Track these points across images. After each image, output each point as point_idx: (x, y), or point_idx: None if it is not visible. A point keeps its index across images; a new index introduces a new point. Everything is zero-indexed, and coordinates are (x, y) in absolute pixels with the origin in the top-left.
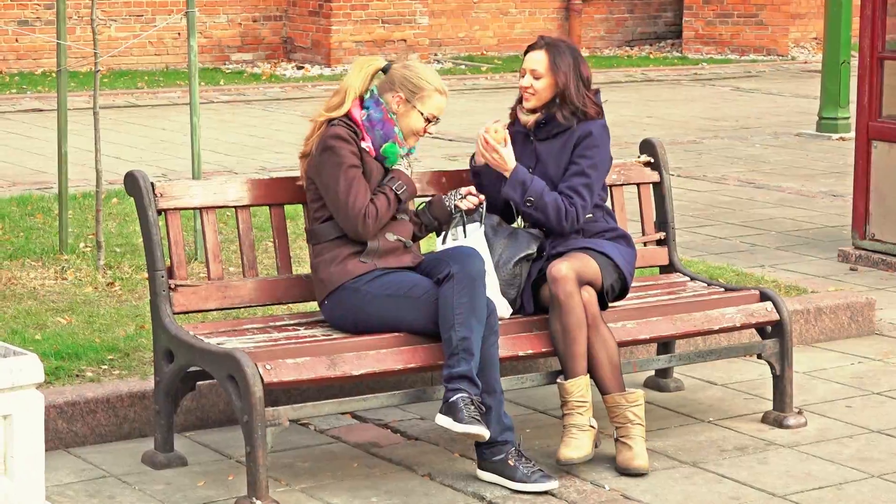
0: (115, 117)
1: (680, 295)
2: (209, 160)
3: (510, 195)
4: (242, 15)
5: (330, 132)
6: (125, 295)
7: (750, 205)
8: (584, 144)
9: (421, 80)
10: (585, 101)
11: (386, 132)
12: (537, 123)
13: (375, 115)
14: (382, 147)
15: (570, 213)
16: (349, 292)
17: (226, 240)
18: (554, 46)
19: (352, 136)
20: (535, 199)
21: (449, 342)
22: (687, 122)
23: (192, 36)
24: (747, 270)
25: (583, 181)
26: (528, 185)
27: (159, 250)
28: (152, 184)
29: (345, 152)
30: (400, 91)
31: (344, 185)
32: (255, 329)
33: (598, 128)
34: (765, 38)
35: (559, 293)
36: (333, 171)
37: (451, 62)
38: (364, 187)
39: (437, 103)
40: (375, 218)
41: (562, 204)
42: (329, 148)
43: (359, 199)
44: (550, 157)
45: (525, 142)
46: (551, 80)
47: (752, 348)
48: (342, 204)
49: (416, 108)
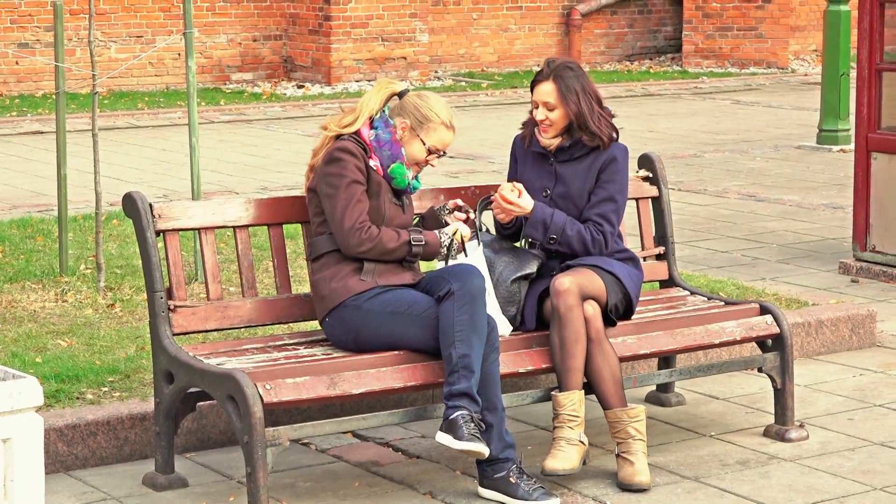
0: (115, 138)
1: (680, 309)
2: (210, 180)
3: (533, 236)
4: (242, 34)
5: (338, 145)
6: (126, 316)
7: (751, 218)
8: (611, 169)
9: (430, 111)
10: (601, 122)
11: (394, 153)
12: (560, 147)
13: (384, 135)
14: (390, 167)
15: (597, 241)
16: (350, 310)
17: (225, 260)
18: (560, 74)
19: (360, 153)
20: (558, 235)
21: (449, 359)
22: (688, 136)
23: (189, 56)
24: (748, 284)
25: (612, 207)
26: (548, 223)
27: (158, 271)
28: (150, 205)
29: (350, 167)
30: (407, 118)
31: (344, 198)
32: (255, 349)
33: (621, 152)
34: (764, 51)
35: (560, 306)
36: (337, 182)
37: (451, 79)
38: (365, 205)
39: (441, 137)
40: (373, 240)
41: (586, 234)
42: (335, 160)
43: (356, 213)
44: (573, 179)
45: (543, 162)
46: (564, 110)
47: (752, 362)
48: (338, 216)
49: (419, 137)
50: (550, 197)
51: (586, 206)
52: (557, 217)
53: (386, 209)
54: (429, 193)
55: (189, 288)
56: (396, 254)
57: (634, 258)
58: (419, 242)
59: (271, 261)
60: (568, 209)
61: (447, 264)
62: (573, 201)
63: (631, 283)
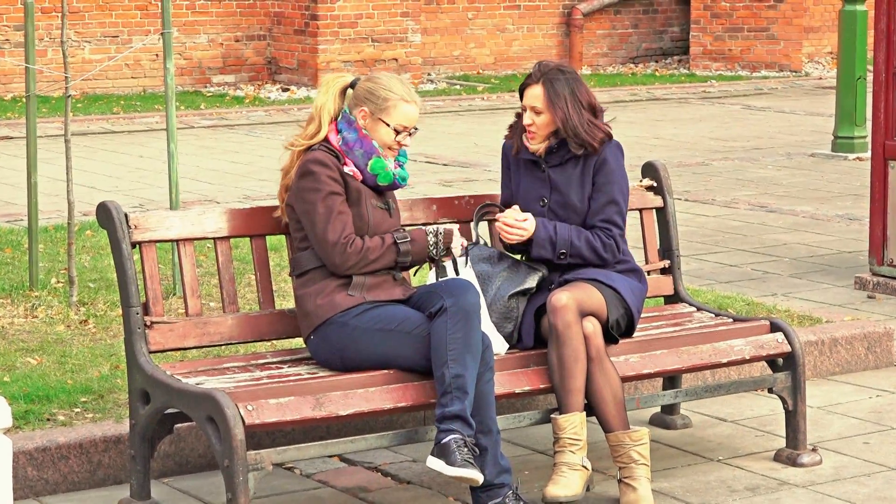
0: (89, 144)
1: (686, 326)
2: (189, 189)
3: (541, 255)
4: (224, 35)
5: (310, 157)
6: (99, 333)
7: (762, 230)
8: (605, 171)
9: (384, 90)
10: (591, 129)
11: (367, 150)
12: (549, 150)
13: (350, 135)
14: (368, 165)
15: (608, 245)
16: (336, 327)
17: (205, 273)
18: (549, 78)
19: (333, 162)
20: (567, 249)
21: (442, 380)
22: (695, 143)
23: (168, 58)
24: (758, 299)
25: (615, 210)
26: (555, 239)
27: (134, 285)
28: (126, 215)
29: (324, 178)
30: (364, 105)
31: (323, 212)
32: (237, 368)
33: (612, 151)
34: (777, 54)
35: (557, 323)
36: (312, 197)
37: (445, 82)
38: (346, 216)
39: (404, 113)
40: (359, 252)
41: (595, 241)
42: (309, 173)
43: (338, 227)
44: (568, 186)
45: (535, 169)
46: (551, 116)
47: (762, 382)
48: (320, 232)
49: (382, 120)
50: (548, 206)
51: (589, 213)
52: (562, 230)
53: (369, 215)
54: (420, 204)
55: (167, 303)
56: (384, 260)
57: (637, 270)
58: (404, 240)
59: (254, 274)
60: (567, 217)
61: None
62: (573, 209)
63: (633, 297)
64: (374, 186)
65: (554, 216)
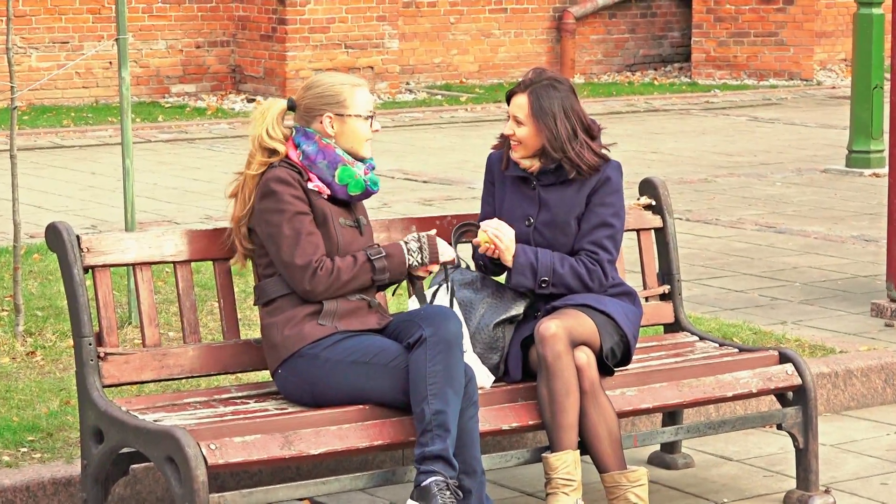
0: (37, 160)
1: (687, 357)
2: (146, 208)
3: (522, 284)
4: (184, 40)
5: (270, 175)
6: (48, 366)
7: (770, 252)
8: (604, 191)
9: (334, 86)
10: (583, 151)
11: (330, 160)
12: (543, 170)
13: (310, 148)
14: (336, 176)
15: (594, 272)
16: (306, 359)
17: (164, 300)
18: (538, 90)
19: (296, 179)
20: (549, 277)
21: (421, 416)
22: (697, 158)
23: (123, 66)
24: (766, 328)
25: (607, 233)
26: (536, 266)
27: (86, 314)
28: (78, 237)
29: (288, 197)
30: (325, 111)
31: (289, 234)
32: (198, 403)
33: (615, 171)
34: (786, 61)
35: (546, 354)
36: (276, 219)
37: (425, 92)
38: (316, 237)
39: (363, 97)
40: (330, 273)
41: (580, 268)
42: (270, 193)
43: (308, 250)
44: (559, 204)
45: (525, 186)
46: (534, 128)
47: (771, 418)
48: (287, 256)
49: (351, 115)
50: (534, 226)
51: (578, 236)
52: (543, 257)
53: (338, 235)
54: (398, 224)
55: (122, 333)
56: (359, 281)
57: (631, 292)
58: (378, 255)
59: (217, 301)
60: (554, 238)
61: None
62: (560, 229)
63: (628, 322)
64: (345, 200)
65: (539, 237)
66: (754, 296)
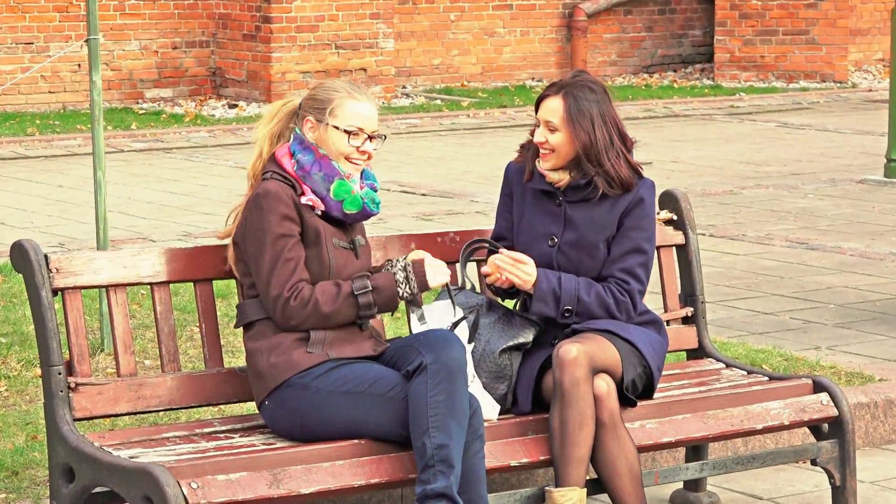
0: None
1: (713, 386)
2: (119, 225)
3: (543, 312)
4: (159, 41)
5: (260, 189)
6: (13, 397)
7: (802, 271)
8: (637, 213)
9: (326, 91)
10: (619, 162)
11: (326, 172)
12: (571, 185)
13: (305, 157)
14: (330, 190)
15: (623, 303)
16: (296, 389)
17: (140, 325)
18: (574, 91)
19: (288, 194)
20: (573, 306)
21: (422, 451)
22: (722, 168)
23: (94, 69)
24: (798, 354)
25: (640, 260)
26: (559, 293)
27: (55, 340)
28: (46, 256)
29: (274, 217)
30: (309, 114)
31: (269, 259)
32: (178, 438)
33: (648, 190)
34: (818, 61)
35: (564, 379)
36: (260, 238)
37: (423, 96)
38: (294, 262)
39: (354, 110)
40: (304, 304)
41: (607, 297)
42: (258, 208)
43: (282, 277)
44: (587, 224)
45: (549, 201)
46: (569, 135)
47: (804, 452)
48: (263, 283)
49: (329, 125)
50: (558, 246)
51: (608, 261)
52: (567, 283)
53: (330, 258)
54: (396, 241)
55: (94, 361)
56: (343, 316)
57: (657, 321)
58: (364, 289)
59: (197, 326)
60: (580, 261)
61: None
62: (587, 251)
63: (652, 352)
64: (340, 218)
65: (563, 258)
66: (785, 318)
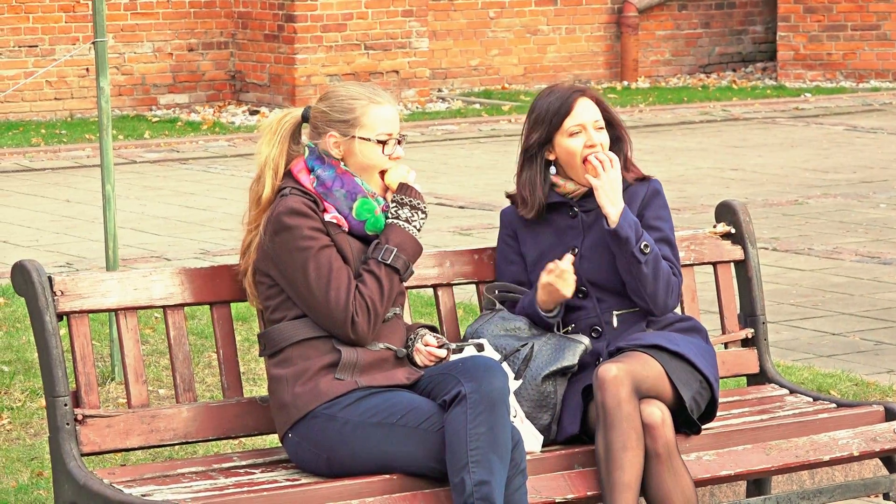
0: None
1: (776, 414)
2: (131, 242)
3: (622, 233)
4: (174, 42)
5: (281, 207)
6: (16, 431)
7: (873, 287)
8: (656, 203)
9: (344, 100)
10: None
11: (349, 189)
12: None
13: (325, 173)
14: (353, 209)
15: (673, 286)
16: (322, 420)
17: (153, 351)
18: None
19: (312, 208)
20: (651, 246)
21: (461, 488)
22: (785, 176)
23: (102, 73)
24: (870, 378)
25: (672, 252)
26: (640, 229)
27: (61, 369)
28: (50, 278)
29: (307, 231)
30: (331, 129)
31: (317, 274)
32: (195, 474)
33: (660, 186)
34: (890, 59)
35: (606, 400)
36: (298, 258)
37: (460, 100)
38: (346, 274)
39: (380, 116)
40: (368, 314)
41: (668, 270)
42: (286, 228)
43: (343, 286)
44: None
45: (561, 216)
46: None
47: (876, 486)
48: (321, 299)
49: (357, 138)
50: (580, 254)
51: None
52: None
53: None
54: (431, 259)
55: (103, 391)
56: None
57: (699, 328)
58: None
59: (215, 352)
60: (601, 263)
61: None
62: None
63: (708, 365)
64: (362, 237)
65: (587, 265)
66: (855, 339)
